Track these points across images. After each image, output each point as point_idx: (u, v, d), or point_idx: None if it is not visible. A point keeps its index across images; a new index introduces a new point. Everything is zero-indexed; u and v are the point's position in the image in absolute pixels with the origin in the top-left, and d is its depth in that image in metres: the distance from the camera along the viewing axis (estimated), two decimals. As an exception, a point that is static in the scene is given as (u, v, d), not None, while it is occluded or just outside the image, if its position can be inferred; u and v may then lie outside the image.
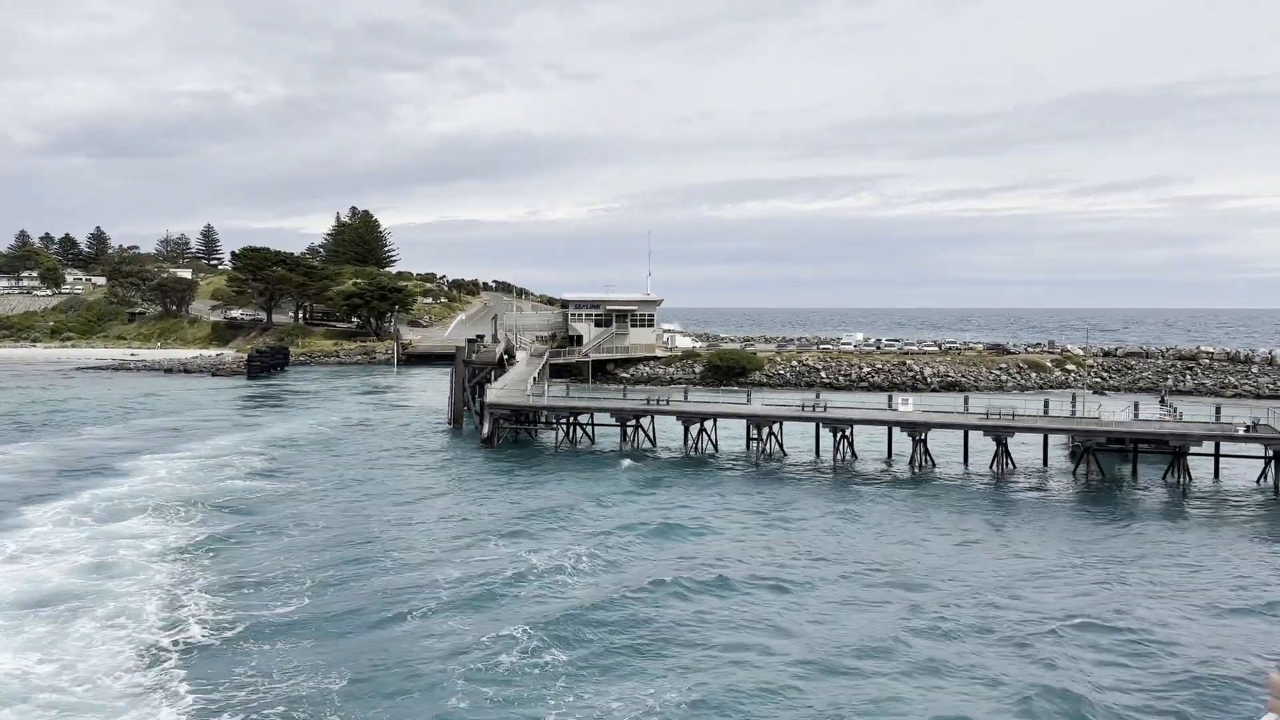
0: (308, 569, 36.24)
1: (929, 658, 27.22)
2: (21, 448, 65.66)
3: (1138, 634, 29.13)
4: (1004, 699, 24.39)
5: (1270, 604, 32.40)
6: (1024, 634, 29.10)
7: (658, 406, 66.76)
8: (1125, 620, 30.30)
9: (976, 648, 28.08)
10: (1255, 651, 27.72)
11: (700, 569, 36.07)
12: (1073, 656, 27.29)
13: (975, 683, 25.53)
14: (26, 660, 26.25)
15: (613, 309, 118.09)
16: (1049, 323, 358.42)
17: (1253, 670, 26.04)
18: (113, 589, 32.87)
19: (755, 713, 23.73)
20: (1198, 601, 32.62)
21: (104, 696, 24.15)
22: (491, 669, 26.20)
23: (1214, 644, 28.35)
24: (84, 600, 31.52)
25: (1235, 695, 24.65)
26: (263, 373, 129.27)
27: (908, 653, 27.57)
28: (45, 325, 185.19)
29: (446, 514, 46.99)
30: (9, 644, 27.34)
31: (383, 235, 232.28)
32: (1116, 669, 26.56)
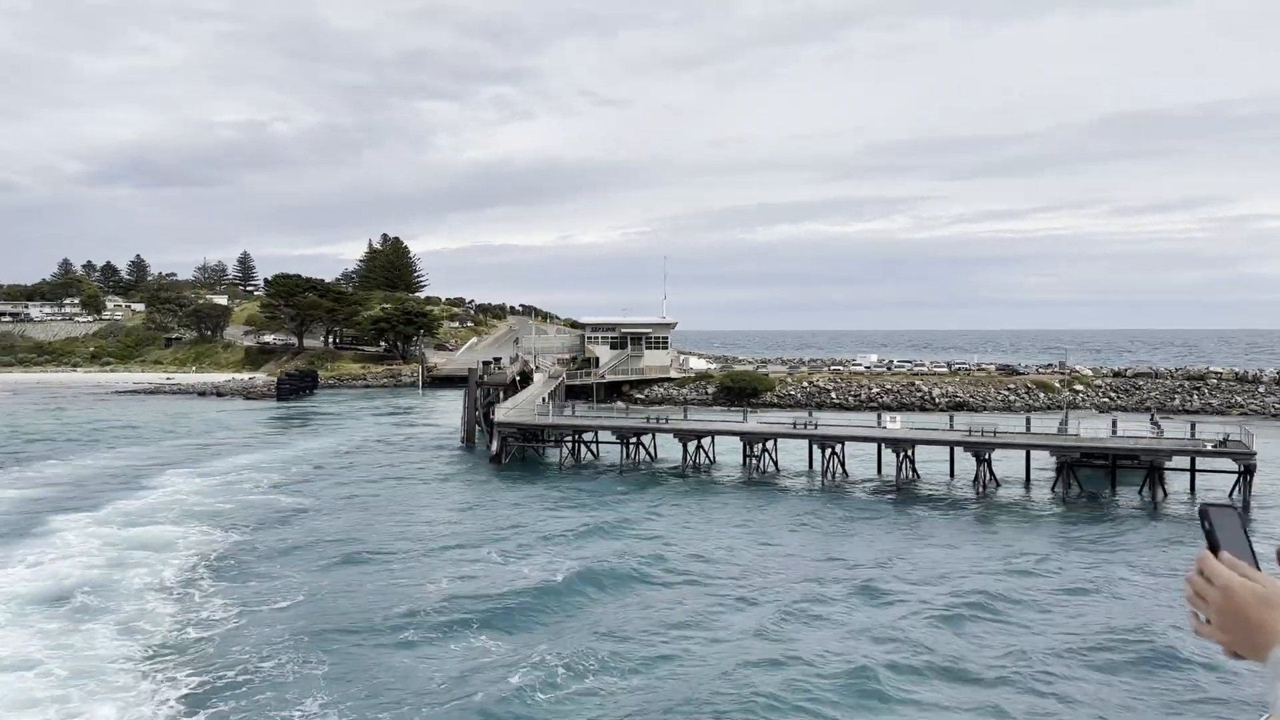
0: (308, 571, 39.33)
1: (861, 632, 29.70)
2: (54, 465, 69.48)
3: (1008, 614, 31.41)
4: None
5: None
6: (940, 613, 31.49)
7: (657, 425, 69.50)
8: (1008, 607, 32.56)
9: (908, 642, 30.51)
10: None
11: (680, 564, 38.77)
12: (979, 635, 29.64)
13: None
14: (35, 647, 29.32)
15: (628, 332, 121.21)
16: (1087, 344, 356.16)
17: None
18: (124, 587, 36.04)
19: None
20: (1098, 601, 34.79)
21: (105, 684, 27.13)
22: (459, 659, 29.02)
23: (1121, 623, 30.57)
24: (97, 596, 34.68)
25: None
26: (291, 395, 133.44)
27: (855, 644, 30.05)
28: (85, 350, 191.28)
29: (445, 523, 49.94)
30: (23, 634, 30.43)
31: (412, 261, 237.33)
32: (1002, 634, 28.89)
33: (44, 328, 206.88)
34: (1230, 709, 24.77)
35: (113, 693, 25.86)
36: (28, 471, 66.19)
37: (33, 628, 30.99)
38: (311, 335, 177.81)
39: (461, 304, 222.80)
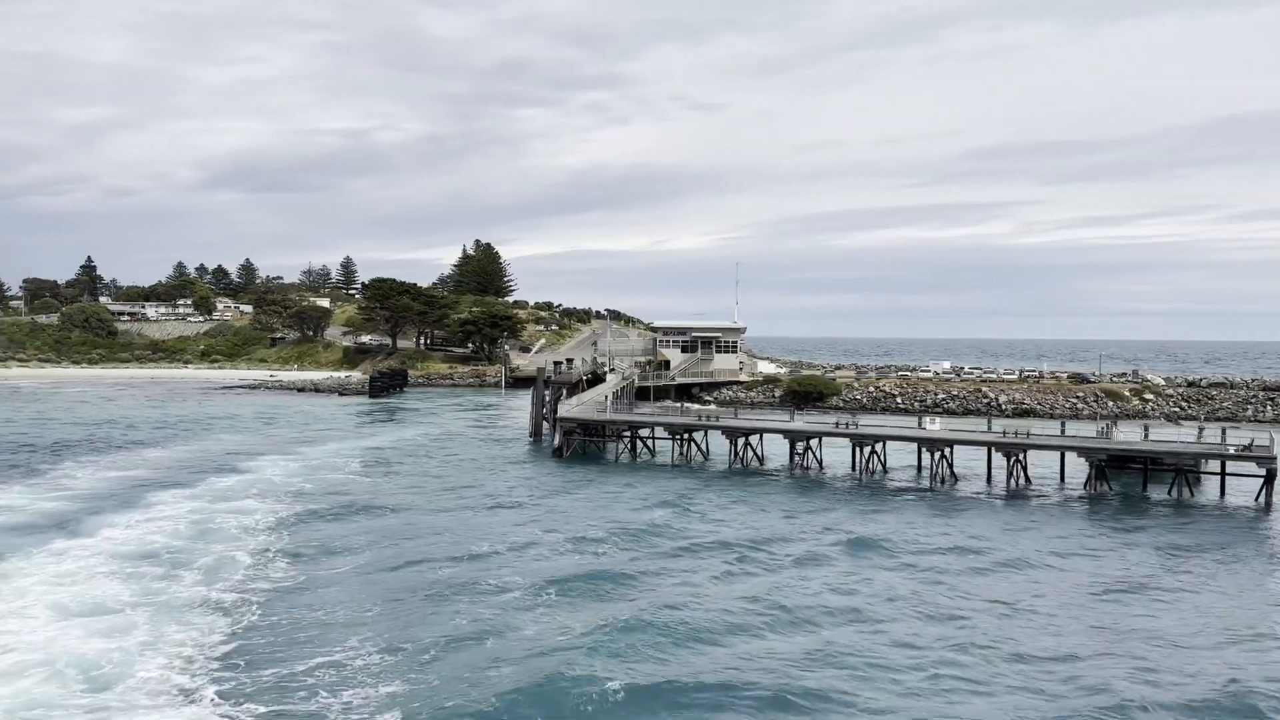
0: (368, 540, 44.50)
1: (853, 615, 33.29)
2: (160, 451, 76.66)
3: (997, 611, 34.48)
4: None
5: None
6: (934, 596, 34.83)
7: (707, 422, 73.39)
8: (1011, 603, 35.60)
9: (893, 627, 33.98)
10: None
11: (715, 538, 42.90)
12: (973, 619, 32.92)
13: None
14: (124, 590, 34.86)
15: (698, 336, 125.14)
16: (1190, 355, 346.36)
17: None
18: (207, 549, 41.65)
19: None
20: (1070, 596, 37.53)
21: (178, 619, 32.40)
22: (502, 610, 33.58)
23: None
24: (182, 555, 40.33)
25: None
26: (383, 392, 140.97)
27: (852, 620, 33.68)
28: (196, 349, 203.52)
29: (502, 505, 54.73)
30: (120, 583, 35.98)
31: (502, 266, 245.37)
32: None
33: (158, 327, 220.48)
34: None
35: (183, 626, 31.00)
36: (134, 456, 73.37)
37: (124, 577, 36.59)
38: (404, 336, 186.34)
39: (549, 308, 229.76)
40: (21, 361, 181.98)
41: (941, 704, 25.42)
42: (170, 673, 26.90)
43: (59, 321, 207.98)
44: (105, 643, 28.88)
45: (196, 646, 29.16)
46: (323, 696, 25.36)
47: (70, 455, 72.44)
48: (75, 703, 24.60)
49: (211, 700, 25.09)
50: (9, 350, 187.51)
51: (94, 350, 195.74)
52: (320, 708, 24.70)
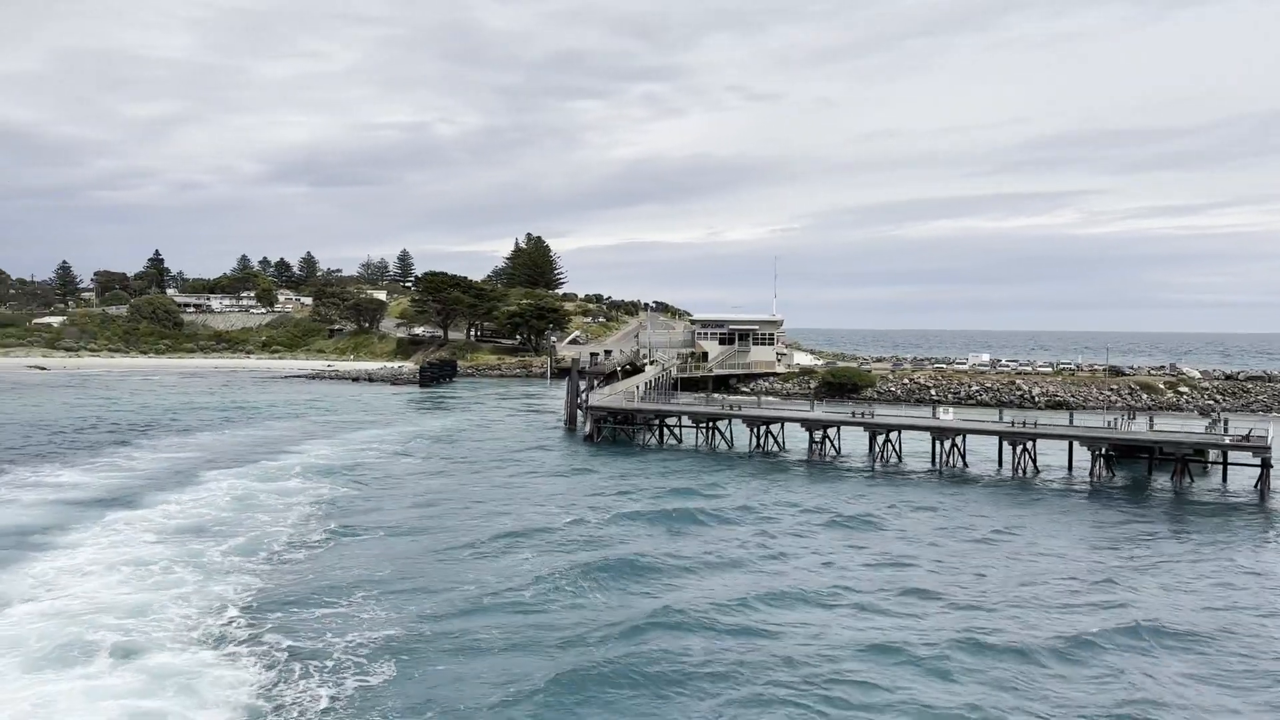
0: (393, 515, 48.37)
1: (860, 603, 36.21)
2: (216, 435, 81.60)
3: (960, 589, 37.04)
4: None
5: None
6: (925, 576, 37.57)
7: (730, 411, 76.28)
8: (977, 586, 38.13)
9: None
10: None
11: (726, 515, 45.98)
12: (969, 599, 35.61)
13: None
14: (172, 552, 38.99)
15: (735, 328, 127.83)
16: (1264, 350, 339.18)
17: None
18: (248, 520, 45.82)
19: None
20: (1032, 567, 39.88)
21: (220, 578, 36.35)
22: (515, 577, 37.08)
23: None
24: (224, 525, 44.49)
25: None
26: (432, 382, 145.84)
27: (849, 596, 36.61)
28: (258, 339, 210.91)
29: (526, 485, 58.32)
30: (165, 546, 40.13)
31: (553, 259, 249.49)
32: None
33: (222, 318, 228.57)
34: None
35: (217, 581, 34.86)
36: (192, 439, 78.32)
37: (170, 541, 40.80)
38: (455, 328, 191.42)
39: (598, 300, 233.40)
40: (93, 351, 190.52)
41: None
42: (203, 616, 30.80)
43: (128, 313, 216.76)
44: (148, 593, 32.91)
45: (227, 596, 33.05)
46: (329, 637, 29.09)
47: (133, 438, 77.55)
48: (112, 638, 28.48)
49: (233, 637, 28.90)
50: (81, 340, 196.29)
51: (161, 341, 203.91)
52: (326, 645, 28.43)
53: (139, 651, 27.69)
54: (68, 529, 43.19)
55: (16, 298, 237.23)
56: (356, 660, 27.46)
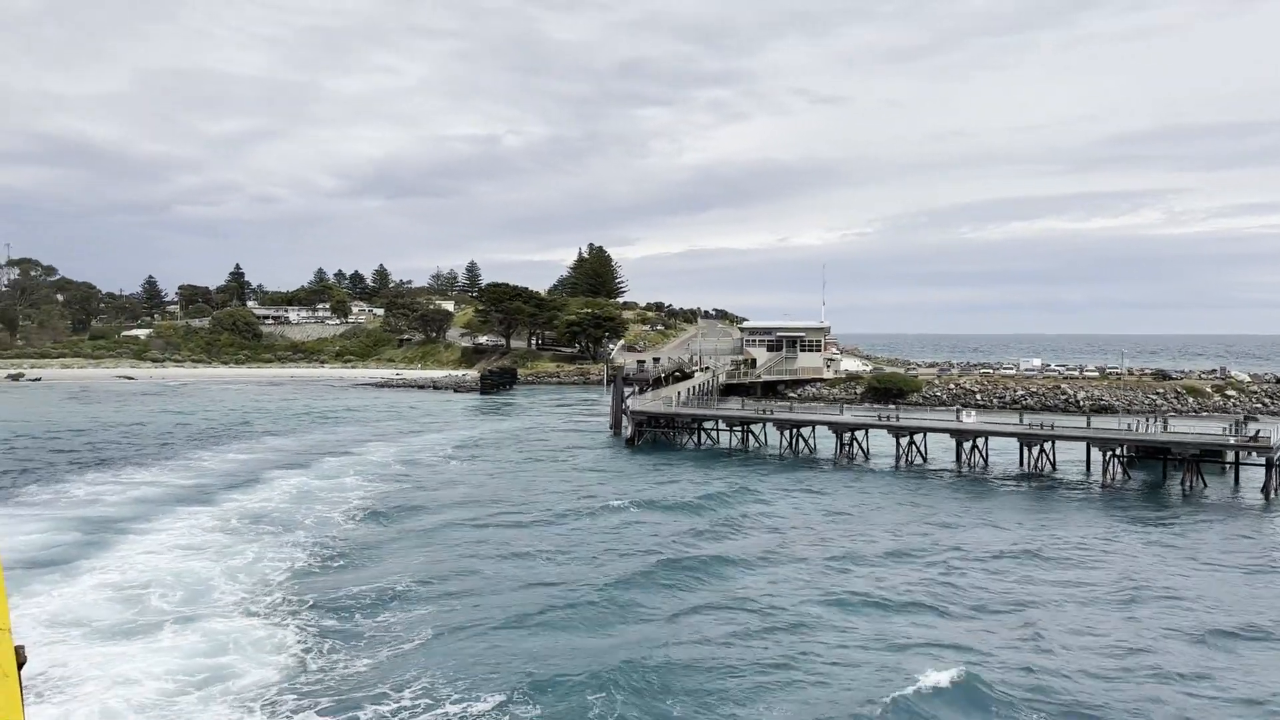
0: (438, 506, 53.15)
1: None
2: (285, 439, 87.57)
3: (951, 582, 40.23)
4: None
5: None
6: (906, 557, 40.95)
7: (762, 415, 79.76)
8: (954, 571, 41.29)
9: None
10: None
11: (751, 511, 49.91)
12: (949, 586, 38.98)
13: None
14: (232, 538, 44.11)
15: (783, 335, 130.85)
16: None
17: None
18: (305, 511, 50.94)
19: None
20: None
21: (272, 558, 41.24)
22: (552, 559, 41.40)
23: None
24: (283, 515, 49.63)
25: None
26: (493, 389, 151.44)
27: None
28: (332, 349, 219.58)
29: (564, 481, 62.69)
30: (225, 533, 45.32)
31: (614, 269, 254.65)
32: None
33: (299, 329, 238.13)
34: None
35: (269, 560, 39.73)
36: (262, 443, 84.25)
37: (232, 529, 46.04)
38: (517, 337, 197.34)
39: (659, 309, 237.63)
40: (177, 362, 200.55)
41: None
42: (253, 591, 35.63)
43: (210, 325, 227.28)
44: (207, 571, 37.97)
45: (275, 576, 37.90)
46: (364, 611, 33.70)
47: (207, 443, 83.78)
48: (175, 607, 33.41)
49: (279, 609, 33.65)
50: (165, 352, 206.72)
51: (240, 351, 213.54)
52: (362, 617, 33.02)
53: (197, 618, 32.50)
54: (146, 519, 48.64)
55: (106, 311, 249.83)
56: (390, 630, 31.93)
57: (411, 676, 27.65)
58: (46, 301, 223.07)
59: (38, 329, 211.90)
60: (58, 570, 38.25)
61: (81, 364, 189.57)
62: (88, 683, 26.76)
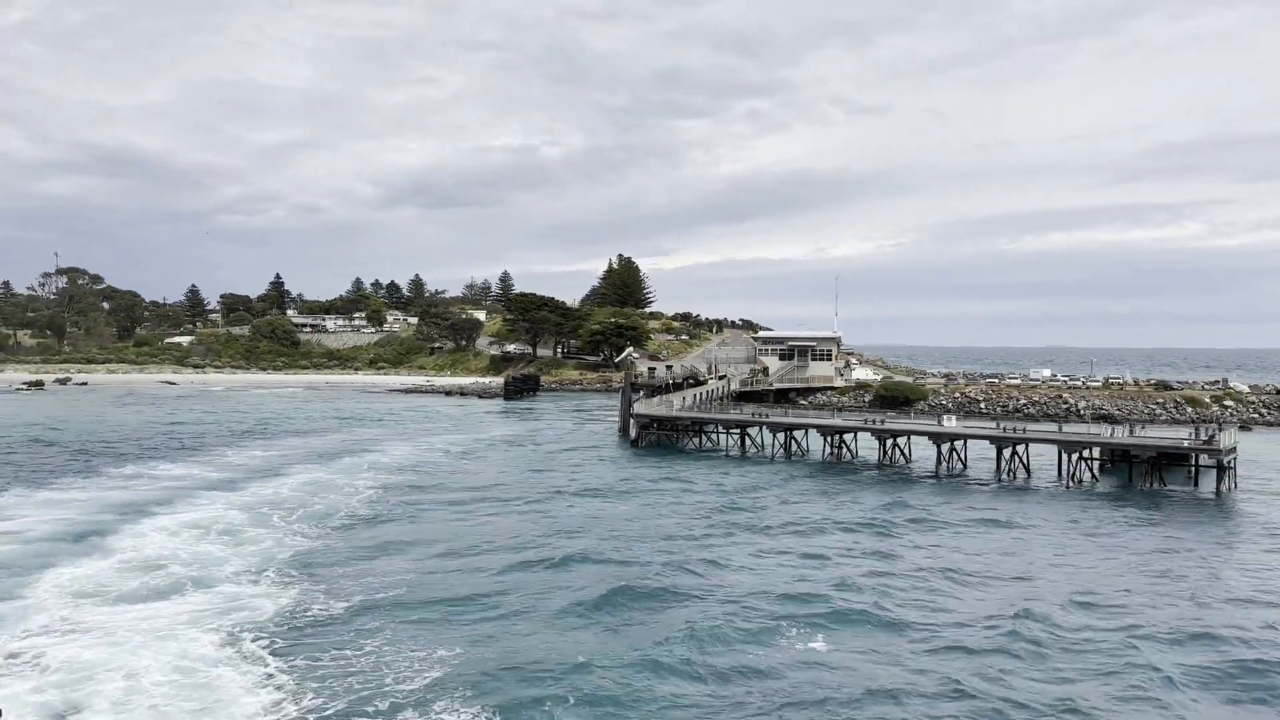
0: (444, 492, 58.19)
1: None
2: (311, 439, 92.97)
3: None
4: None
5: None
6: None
7: (757, 419, 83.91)
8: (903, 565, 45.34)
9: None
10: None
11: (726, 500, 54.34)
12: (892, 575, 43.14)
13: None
14: (246, 518, 49.20)
15: (794, 344, 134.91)
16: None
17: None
18: (318, 499, 56.05)
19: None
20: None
21: (277, 540, 46.20)
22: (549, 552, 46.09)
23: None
24: (295, 503, 54.72)
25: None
26: (516, 396, 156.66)
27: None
28: (366, 357, 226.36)
29: (564, 475, 67.29)
30: (242, 515, 50.45)
31: (641, 279, 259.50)
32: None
33: (335, 337, 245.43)
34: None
35: (274, 542, 44.62)
36: (289, 441, 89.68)
37: (248, 514, 51.14)
38: (544, 345, 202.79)
39: (685, 318, 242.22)
40: (217, 368, 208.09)
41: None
42: (261, 563, 40.60)
43: (250, 333, 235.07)
44: (222, 548, 43.06)
45: (279, 553, 42.82)
46: (351, 577, 38.53)
47: (238, 440, 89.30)
48: (191, 574, 38.42)
49: (280, 577, 38.60)
50: (207, 358, 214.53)
51: (278, 358, 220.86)
52: (349, 582, 37.88)
53: (211, 583, 37.50)
54: (170, 503, 53.90)
55: (150, 319, 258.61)
56: (374, 591, 36.72)
57: (376, 627, 32.52)
58: (93, 309, 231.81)
59: (85, 335, 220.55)
60: (90, 545, 43.47)
61: (126, 369, 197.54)
62: (118, 630, 31.69)
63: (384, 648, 30.46)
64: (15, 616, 32.92)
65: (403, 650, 30.15)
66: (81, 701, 25.96)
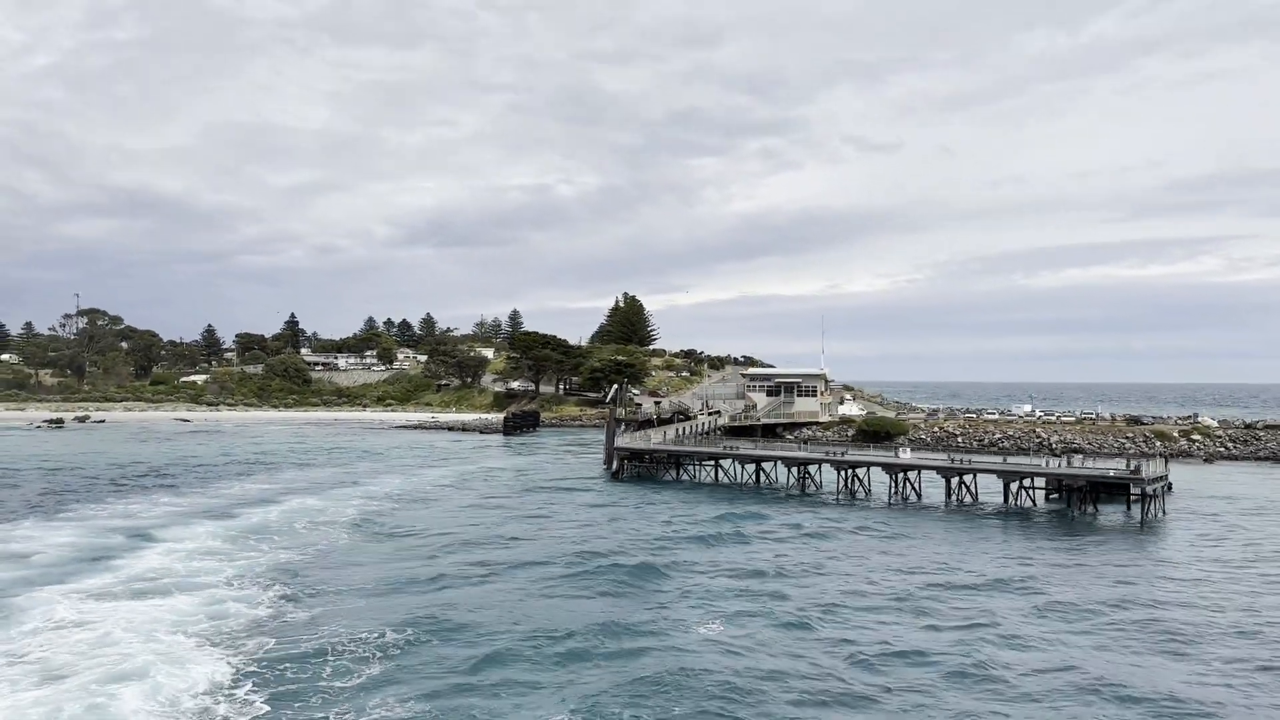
0: (421, 518, 63.24)
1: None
2: (307, 471, 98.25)
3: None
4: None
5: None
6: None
7: (729, 451, 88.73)
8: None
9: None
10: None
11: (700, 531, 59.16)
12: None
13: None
14: (232, 546, 54.37)
15: (781, 381, 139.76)
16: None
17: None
18: (303, 524, 61.23)
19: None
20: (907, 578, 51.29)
21: (257, 560, 51.29)
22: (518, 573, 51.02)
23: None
24: (280, 529, 59.89)
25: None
26: (515, 431, 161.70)
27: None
28: (374, 394, 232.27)
29: (542, 502, 72.22)
30: (232, 543, 55.62)
31: (645, 317, 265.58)
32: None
33: (346, 375, 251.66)
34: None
35: (255, 562, 49.65)
36: (286, 474, 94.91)
37: (233, 539, 56.32)
38: (547, 383, 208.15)
39: (689, 355, 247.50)
40: (230, 405, 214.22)
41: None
42: (240, 576, 45.69)
43: (263, 371, 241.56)
44: (209, 563, 48.22)
45: (258, 569, 47.91)
46: (320, 590, 43.56)
47: (239, 473, 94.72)
48: (180, 583, 43.56)
49: (257, 584, 43.71)
50: (220, 396, 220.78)
51: (289, 396, 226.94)
52: (318, 593, 42.90)
53: (197, 589, 42.65)
54: (169, 529, 59.03)
55: (167, 358, 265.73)
56: (336, 601, 41.75)
57: (337, 624, 37.50)
58: (112, 349, 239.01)
59: (103, 375, 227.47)
60: (94, 563, 48.71)
61: (143, 407, 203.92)
62: (120, 618, 36.83)
63: (337, 629, 35.52)
64: (15, 617, 38.02)
65: (355, 628, 35.18)
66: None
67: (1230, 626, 39.33)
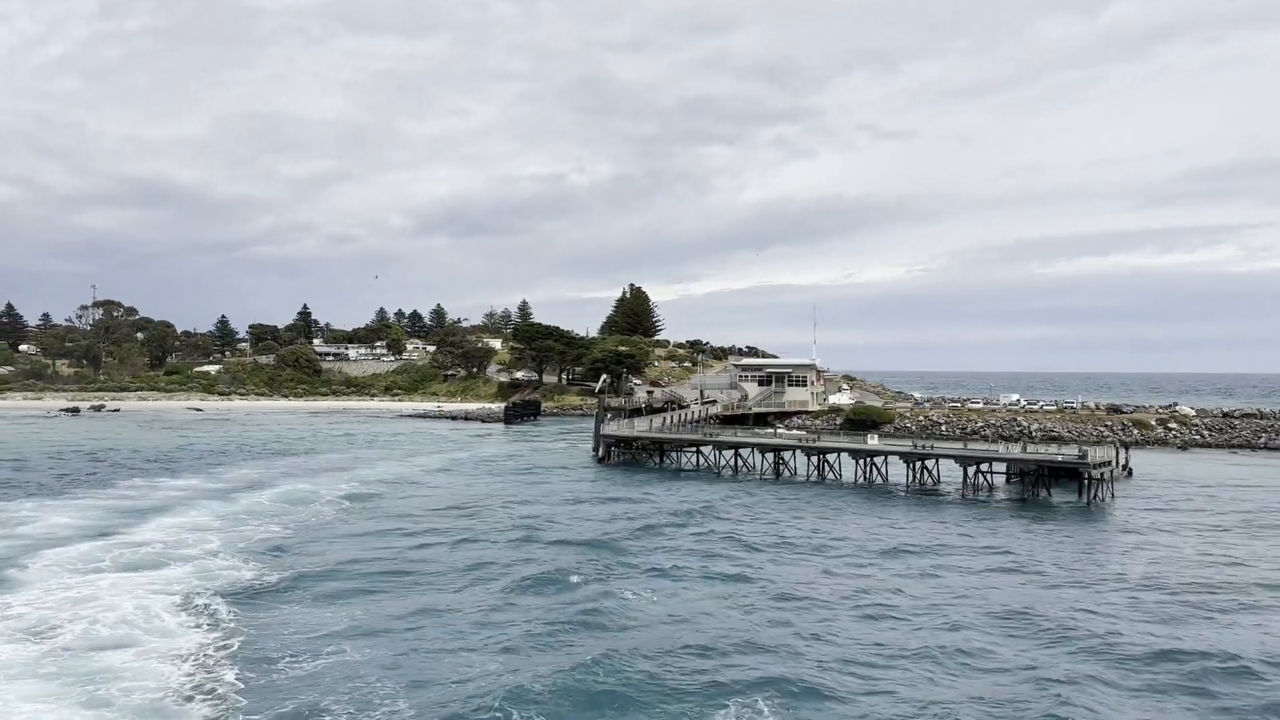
0: (409, 499, 67.32)
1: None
2: (311, 457, 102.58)
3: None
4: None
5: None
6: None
7: (707, 438, 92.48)
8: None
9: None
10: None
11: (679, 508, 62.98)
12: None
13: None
14: (220, 522, 58.58)
15: (771, 371, 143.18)
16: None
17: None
18: (295, 504, 65.34)
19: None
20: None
21: (245, 535, 55.39)
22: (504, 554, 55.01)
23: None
24: (270, 510, 63.97)
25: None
26: (515, 420, 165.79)
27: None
28: (382, 384, 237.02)
29: (525, 484, 76.11)
30: (225, 520, 59.78)
31: (650, 308, 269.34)
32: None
33: (356, 365, 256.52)
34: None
35: (241, 538, 53.68)
36: (286, 460, 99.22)
37: (225, 518, 60.52)
38: (550, 373, 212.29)
39: (694, 346, 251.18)
40: (241, 395, 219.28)
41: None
42: (228, 548, 49.78)
43: (275, 361, 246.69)
44: (202, 536, 52.42)
45: (250, 544, 52.00)
46: (301, 559, 47.62)
47: (241, 458, 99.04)
48: (174, 554, 47.69)
49: (246, 557, 47.82)
50: (232, 386, 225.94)
51: (300, 385, 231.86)
52: (296, 561, 46.98)
53: (188, 559, 46.74)
54: (165, 510, 63.18)
55: (181, 348, 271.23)
56: (312, 565, 45.76)
57: (311, 586, 41.55)
58: (127, 340, 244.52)
59: (119, 365, 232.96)
60: (91, 538, 52.87)
61: (156, 397, 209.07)
62: (108, 584, 40.92)
63: (306, 602, 39.51)
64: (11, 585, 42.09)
65: (320, 608, 39.16)
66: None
67: (1072, 584, 43.87)
